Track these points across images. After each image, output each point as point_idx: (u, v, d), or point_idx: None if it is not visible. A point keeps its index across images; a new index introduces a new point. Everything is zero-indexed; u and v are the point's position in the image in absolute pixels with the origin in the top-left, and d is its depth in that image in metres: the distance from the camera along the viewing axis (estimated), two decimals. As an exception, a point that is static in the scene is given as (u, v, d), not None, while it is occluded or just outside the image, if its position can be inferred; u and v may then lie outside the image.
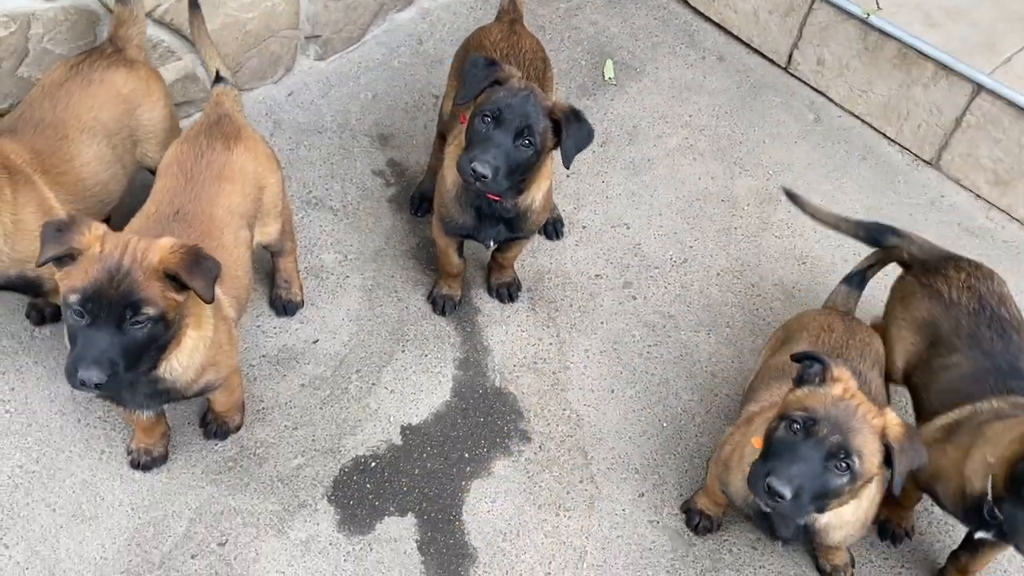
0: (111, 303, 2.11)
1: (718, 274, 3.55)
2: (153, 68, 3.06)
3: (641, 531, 2.88)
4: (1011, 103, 3.59)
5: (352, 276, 3.36)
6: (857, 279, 3.06)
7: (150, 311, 2.15)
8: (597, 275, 3.50)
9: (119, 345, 2.13)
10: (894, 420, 2.20)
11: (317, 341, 3.17)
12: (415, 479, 2.91)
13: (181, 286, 2.20)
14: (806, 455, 2.12)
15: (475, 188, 2.71)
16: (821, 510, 2.24)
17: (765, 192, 3.82)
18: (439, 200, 3.02)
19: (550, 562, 2.78)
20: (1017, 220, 3.78)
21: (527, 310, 3.37)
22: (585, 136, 2.76)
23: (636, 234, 3.64)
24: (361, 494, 2.86)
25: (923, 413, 2.75)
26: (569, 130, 2.72)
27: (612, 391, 3.20)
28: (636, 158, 3.89)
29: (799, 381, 2.29)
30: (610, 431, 3.09)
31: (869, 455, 2.15)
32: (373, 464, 2.93)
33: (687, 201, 3.77)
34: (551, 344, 3.29)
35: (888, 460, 2.17)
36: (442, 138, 3.33)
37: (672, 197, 3.78)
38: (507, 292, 3.36)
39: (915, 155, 3.97)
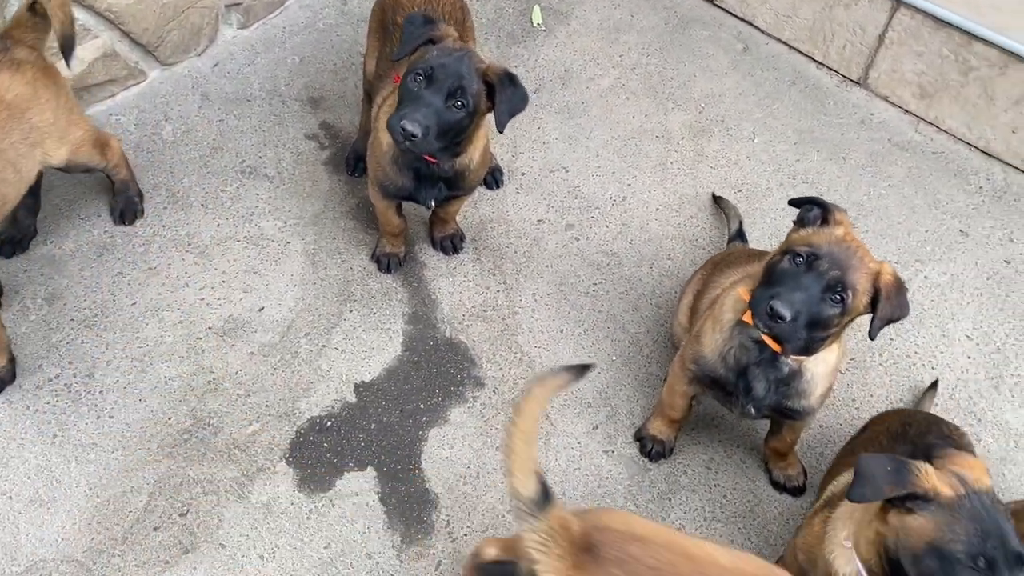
0: None
1: (657, 209, 3.59)
2: (45, 66, 2.85)
3: (597, 462, 2.94)
4: (929, 15, 3.65)
5: (293, 241, 3.36)
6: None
7: None
8: (539, 220, 3.53)
9: None
10: (888, 269, 2.31)
11: (263, 309, 3.17)
12: (372, 434, 2.94)
13: None
14: (807, 285, 2.23)
15: (404, 147, 2.69)
16: (808, 347, 2.34)
17: (698, 125, 3.86)
18: (374, 164, 2.99)
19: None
20: (945, 131, 3.85)
21: (472, 260, 3.39)
22: (519, 100, 2.73)
23: (575, 176, 3.66)
24: (319, 453, 2.88)
25: None
26: (503, 94, 2.69)
27: (561, 331, 3.24)
28: (570, 102, 3.90)
29: (799, 223, 2.40)
30: (562, 370, 3.13)
31: (861, 293, 2.26)
32: (329, 423, 2.95)
33: (623, 140, 3.79)
34: (498, 291, 3.32)
35: (875, 305, 2.29)
36: (369, 97, 3.31)
37: (608, 137, 3.80)
38: (451, 244, 3.37)
39: (843, 76, 4.02)
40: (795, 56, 4.10)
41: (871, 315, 2.32)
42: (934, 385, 3.07)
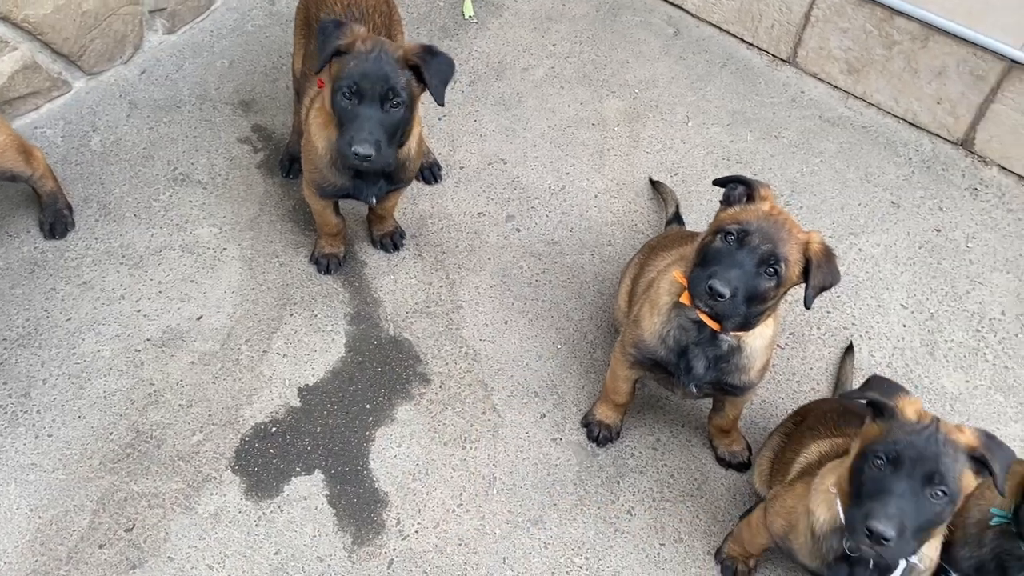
0: None
1: (596, 196, 3.61)
2: None
3: (546, 450, 2.96)
4: (852, -8, 3.71)
5: (230, 247, 3.32)
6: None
7: None
8: (479, 213, 3.53)
9: None
10: (817, 238, 2.35)
11: (201, 317, 3.13)
12: (318, 437, 2.92)
13: None
14: (741, 261, 2.26)
15: (365, 168, 2.68)
16: (746, 323, 2.37)
17: (633, 111, 3.88)
18: (310, 167, 2.96)
19: (461, 493, 2.84)
20: (874, 105, 3.93)
21: (413, 256, 3.38)
22: (447, 67, 2.70)
23: (513, 168, 3.67)
24: (265, 460, 2.86)
25: None
26: (430, 69, 2.67)
27: (506, 323, 3.25)
28: (505, 93, 3.90)
29: (726, 202, 2.42)
30: (507, 361, 3.15)
31: (793, 263, 2.29)
32: (274, 429, 2.92)
33: (559, 129, 3.80)
34: (441, 286, 3.32)
35: (807, 274, 2.33)
36: (300, 97, 3.28)
37: (544, 127, 3.81)
38: (391, 241, 3.36)
39: (772, 55, 4.08)
40: (725, 38, 4.15)
41: (804, 285, 2.35)
42: (850, 349, 3.14)
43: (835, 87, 3.98)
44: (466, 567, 2.70)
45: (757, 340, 2.48)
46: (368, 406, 3.00)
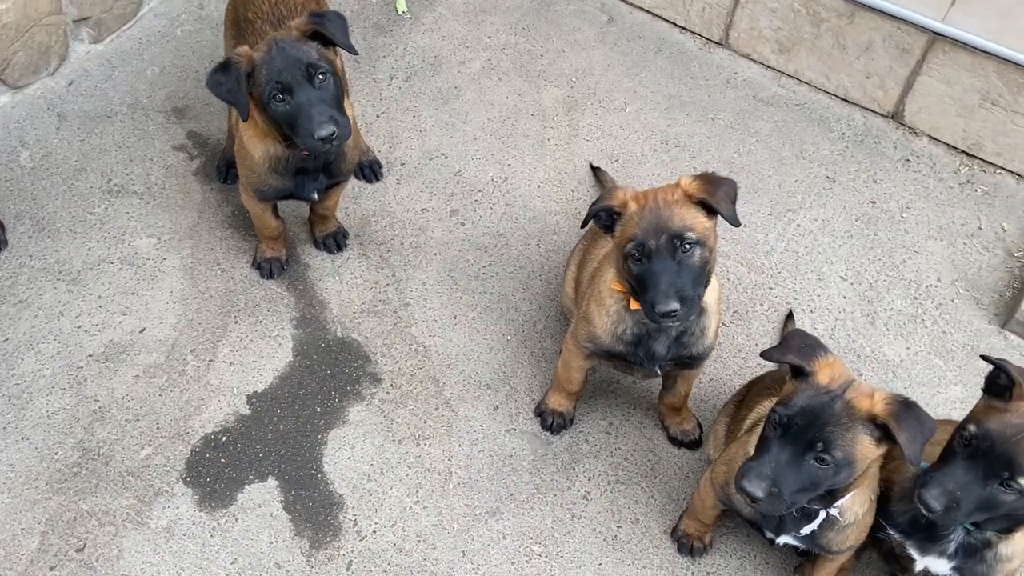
0: None
1: (539, 186, 3.62)
2: None
3: (500, 441, 2.97)
4: (778, -28, 3.77)
5: (170, 257, 3.27)
6: None
7: None
8: (423, 209, 3.52)
9: None
10: (686, 181, 2.38)
11: (144, 330, 3.09)
12: (270, 444, 2.90)
13: None
14: (665, 268, 2.30)
15: (334, 149, 2.65)
16: (693, 304, 2.38)
17: (571, 100, 3.90)
18: (247, 172, 2.92)
19: (417, 491, 2.84)
20: (805, 83, 4.00)
21: (358, 256, 3.37)
22: (340, 21, 2.69)
23: (455, 162, 3.66)
24: (217, 469, 2.83)
25: None
26: (328, 28, 2.65)
27: (455, 317, 3.25)
28: (443, 87, 3.90)
29: (606, 229, 2.47)
30: (458, 355, 3.15)
31: (701, 225, 2.34)
32: (224, 438, 2.89)
33: (499, 121, 3.81)
34: (388, 285, 3.31)
35: (711, 211, 2.38)
36: (232, 100, 3.24)
37: (484, 120, 3.81)
38: (334, 242, 3.34)
39: (705, 38, 4.12)
40: (658, 23, 4.18)
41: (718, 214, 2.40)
42: (790, 316, 3.21)
43: (768, 67, 4.04)
44: (426, 563, 2.71)
45: (710, 295, 2.51)
46: (319, 409, 2.99)
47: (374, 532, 2.75)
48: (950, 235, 3.55)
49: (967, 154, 3.76)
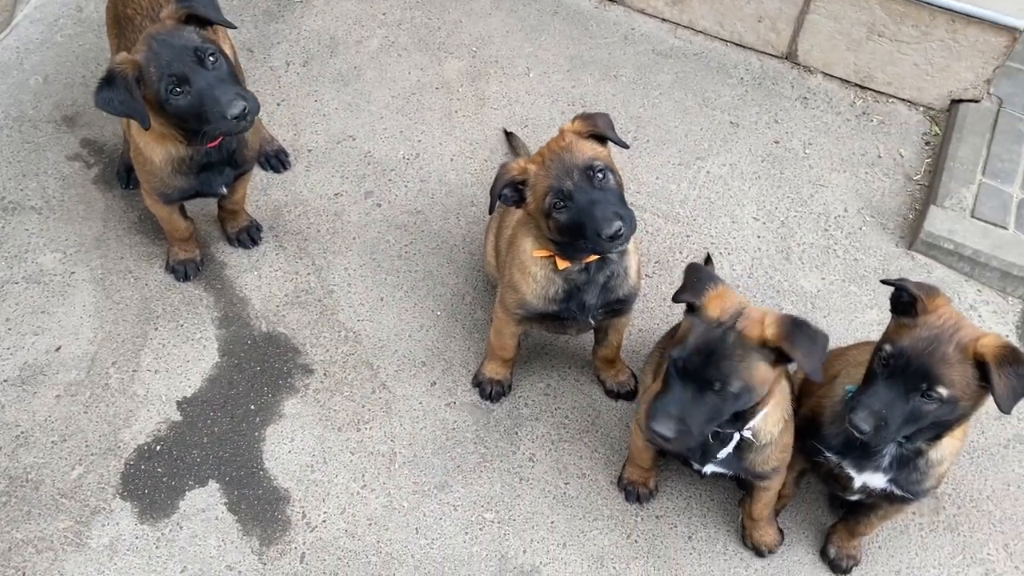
0: None
1: (451, 159, 3.60)
2: None
3: (441, 416, 2.97)
4: (663, -76, 3.80)
5: (78, 270, 3.15)
6: None
7: None
8: (336, 193, 3.47)
9: None
10: (568, 126, 2.45)
11: (59, 348, 2.97)
12: (206, 447, 2.84)
13: None
14: (595, 199, 2.33)
15: (244, 128, 2.57)
16: (630, 221, 2.39)
17: (474, 70, 3.88)
18: (149, 178, 2.83)
19: (363, 475, 2.83)
20: (701, 32, 4.06)
21: (275, 249, 3.30)
22: (206, 1, 2.65)
23: (363, 143, 3.61)
24: (154, 480, 2.76)
25: None
26: (201, 8, 2.60)
27: (381, 299, 3.22)
28: (342, 68, 3.83)
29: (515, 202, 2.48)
30: (389, 337, 3.13)
31: (610, 164, 2.42)
32: (158, 447, 2.82)
33: (404, 98, 3.77)
34: (309, 274, 3.26)
35: (603, 140, 2.45)
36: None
37: (388, 98, 3.76)
38: (248, 237, 3.27)
39: (599, -3, 4.15)
40: (552, -15, 4.18)
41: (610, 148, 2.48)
42: (708, 260, 3.30)
43: (663, 20, 4.09)
44: (379, 545, 2.70)
45: (632, 269, 2.56)
46: (253, 407, 2.94)
47: (324, 521, 2.73)
48: (852, 166, 3.67)
49: (860, 86, 3.89)
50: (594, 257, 2.48)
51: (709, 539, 2.78)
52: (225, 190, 2.91)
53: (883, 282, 2.33)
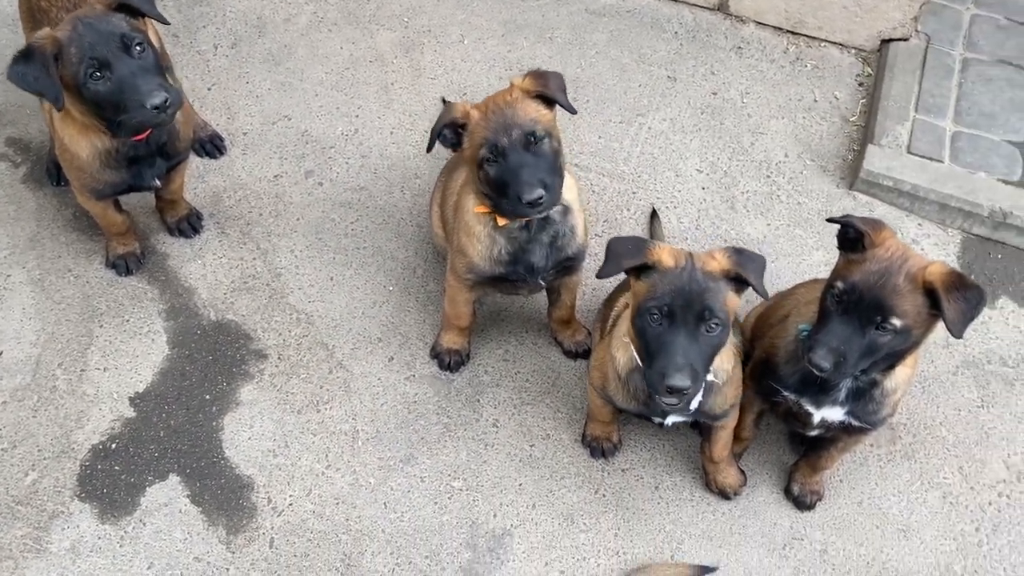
0: None
1: (391, 132, 3.56)
2: None
3: (402, 390, 2.95)
4: None
5: (14, 273, 3.05)
6: None
7: None
8: (276, 175, 3.40)
9: None
10: (517, 81, 2.44)
11: (1, 353, 2.88)
12: (163, 441, 2.78)
13: None
14: (520, 161, 2.34)
15: (165, 119, 2.51)
16: (560, 189, 2.43)
17: (408, 41, 3.82)
18: (78, 175, 2.75)
19: (326, 455, 2.80)
20: (634, -11, 4.05)
21: (217, 236, 3.23)
22: None
23: (300, 122, 3.55)
24: (112, 479, 2.70)
25: None
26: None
27: (331, 279, 3.18)
28: (272, 48, 3.75)
29: (453, 147, 2.49)
30: (342, 315, 3.10)
31: (541, 118, 2.41)
32: (114, 446, 2.76)
33: (338, 73, 3.70)
34: (254, 259, 3.20)
35: (551, 103, 2.43)
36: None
37: (322, 75, 3.69)
38: (189, 225, 3.19)
39: (529, -41, 4.10)
40: (480, -50, 4.13)
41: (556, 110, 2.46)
42: (655, 214, 3.32)
43: (594, -22, 4.06)
44: (348, 523, 2.69)
45: (568, 194, 2.56)
46: (208, 397, 2.89)
47: (290, 505, 2.70)
48: (789, 112, 3.71)
49: (792, 33, 3.92)
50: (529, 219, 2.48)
51: (675, 487, 2.81)
52: (158, 183, 2.84)
53: (829, 220, 2.36)
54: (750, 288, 2.24)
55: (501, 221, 2.49)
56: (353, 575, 2.60)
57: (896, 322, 2.14)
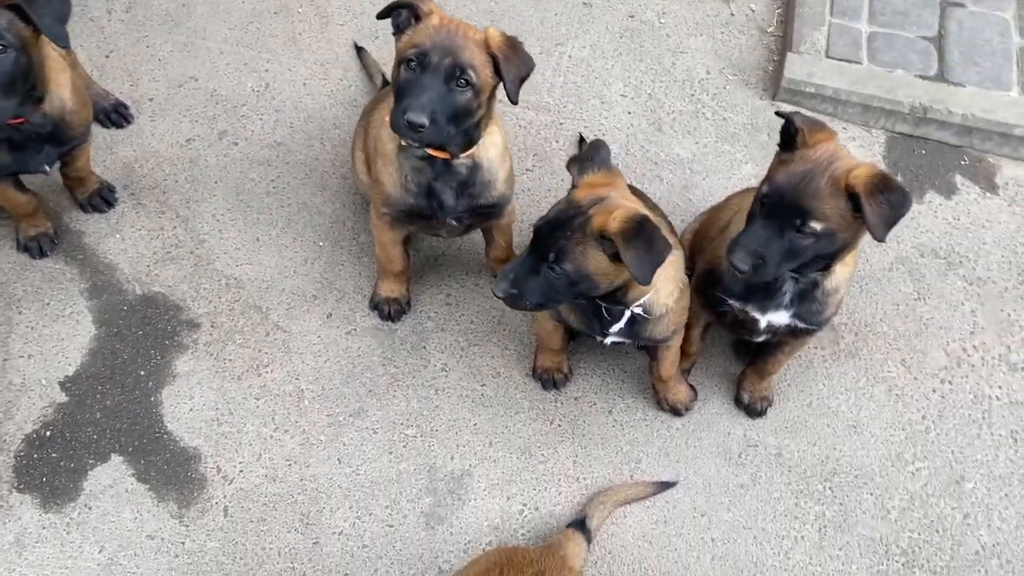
0: None
1: (304, 84, 3.43)
2: None
3: (344, 345, 2.88)
4: None
5: (-83, 267, 2.88)
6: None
7: None
8: (188, 139, 3.26)
9: None
10: (493, 32, 2.32)
11: (-87, 351, 2.73)
12: (100, 423, 2.68)
13: None
14: (428, 84, 2.23)
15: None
16: (468, 140, 2.39)
17: (312, -13, 3.68)
18: None
19: (273, 418, 2.73)
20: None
21: (133, 207, 3.09)
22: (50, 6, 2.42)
23: (207, 83, 3.39)
24: (51, 466, 2.59)
25: None
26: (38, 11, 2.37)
27: (257, 240, 3.07)
28: (170, 8, 3.57)
29: (397, 30, 2.35)
30: (273, 276, 3.00)
31: (480, 66, 2.28)
32: (48, 433, 2.65)
33: (242, 28, 3.54)
34: (175, 227, 3.07)
35: (500, 71, 2.31)
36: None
37: (225, 31, 3.53)
38: (101, 199, 3.05)
39: None
40: None
41: (502, 82, 2.34)
42: (582, 140, 3.28)
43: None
44: (303, 482, 2.63)
45: (490, 151, 2.49)
46: (143, 372, 2.78)
47: (241, 472, 2.63)
48: (708, 28, 3.68)
49: (703, -52, 3.87)
50: (439, 154, 2.40)
51: (628, 409, 2.82)
52: (48, 169, 2.69)
53: (777, 114, 2.31)
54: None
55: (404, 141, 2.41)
56: (313, 533, 2.55)
57: (816, 226, 2.13)
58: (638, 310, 2.31)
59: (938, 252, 3.16)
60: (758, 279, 2.24)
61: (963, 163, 3.37)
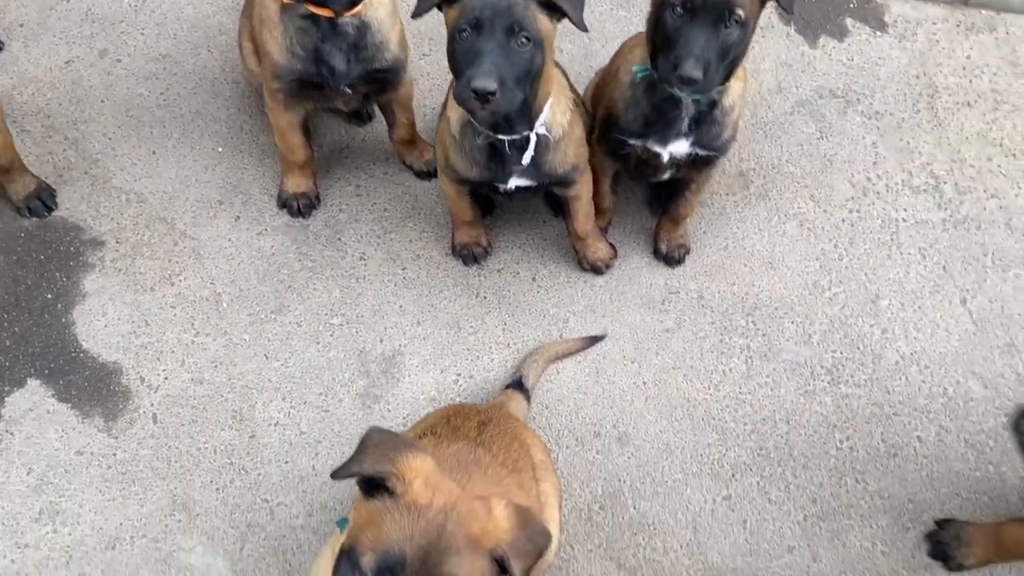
0: None
1: (183, -8, 3.29)
2: None
3: (256, 246, 2.83)
4: None
5: None
6: None
7: None
8: (67, 62, 3.11)
9: None
10: None
11: None
12: (11, 350, 2.59)
13: None
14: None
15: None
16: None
17: None
18: None
19: (192, 324, 2.67)
20: None
21: (18, 135, 2.93)
22: None
23: (79, 2, 3.23)
24: (-37, 399, 2.51)
25: None
26: None
27: (153, 152, 2.97)
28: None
29: None
30: (175, 187, 2.91)
31: None
32: (-44, 366, 2.55)
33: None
34: (65, 150, 2.94)
35: None
36: None
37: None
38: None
39: None
40: None
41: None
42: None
43: None
44: (232, 381, 2.59)
45: (379, 10, 2.42)
46: (50, 296, 2.68)
47: (166, 379, 2.58)
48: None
49: None
50: (312, 9, 2.32)
51: (551, 275, 2.83)
52: None
53: None
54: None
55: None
56: (248, 428, 2.53)
57: (740, 12, 2.15)
58: (542, 130, 2.30)
59: (836, 92, 3.22)
60: (708, 86, 2.21)
61: (852, 6, 3.42)
